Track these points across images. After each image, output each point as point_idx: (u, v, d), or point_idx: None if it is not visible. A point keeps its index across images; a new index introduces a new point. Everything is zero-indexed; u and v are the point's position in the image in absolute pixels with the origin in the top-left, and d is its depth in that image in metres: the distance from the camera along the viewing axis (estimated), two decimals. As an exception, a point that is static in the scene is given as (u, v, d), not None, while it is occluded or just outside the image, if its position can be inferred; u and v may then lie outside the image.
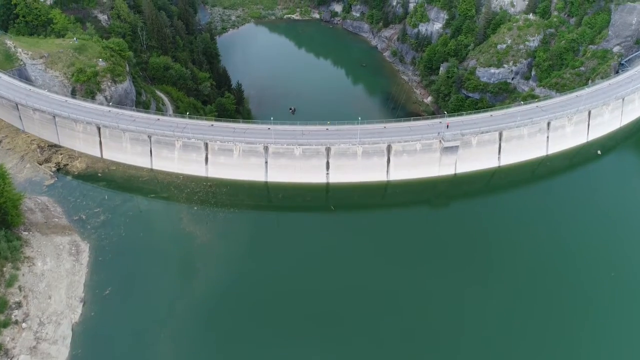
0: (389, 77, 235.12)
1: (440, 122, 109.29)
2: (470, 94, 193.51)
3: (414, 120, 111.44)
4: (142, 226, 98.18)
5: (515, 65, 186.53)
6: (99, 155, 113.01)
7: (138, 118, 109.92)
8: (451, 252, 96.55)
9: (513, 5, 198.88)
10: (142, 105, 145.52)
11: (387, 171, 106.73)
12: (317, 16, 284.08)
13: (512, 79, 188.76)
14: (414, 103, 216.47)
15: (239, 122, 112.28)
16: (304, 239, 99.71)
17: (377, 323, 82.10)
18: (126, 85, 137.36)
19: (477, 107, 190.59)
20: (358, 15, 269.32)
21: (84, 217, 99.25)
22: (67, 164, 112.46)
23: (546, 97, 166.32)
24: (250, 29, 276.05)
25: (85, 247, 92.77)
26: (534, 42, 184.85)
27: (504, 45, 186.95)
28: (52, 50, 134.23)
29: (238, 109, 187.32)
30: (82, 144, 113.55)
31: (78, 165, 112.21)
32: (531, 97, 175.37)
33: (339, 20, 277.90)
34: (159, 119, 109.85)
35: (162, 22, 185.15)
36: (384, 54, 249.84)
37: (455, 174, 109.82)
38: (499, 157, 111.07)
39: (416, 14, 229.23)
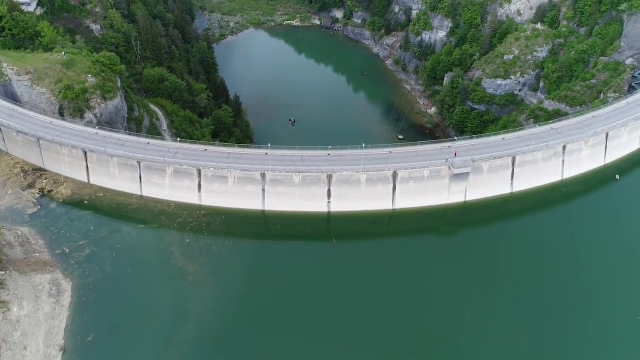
0: (392, 86, 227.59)
1: (450, 147, 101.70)
2: (476, 106, 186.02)
3: (421, 144, 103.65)
4: (130, 261, 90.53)
5: (523, 77, 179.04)
6: (86, 181, 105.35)
7: (127, 142, 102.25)
8: (460, 283, 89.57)
9: (520, 14, 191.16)
10: (134, 121, 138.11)
11: (393, 199, 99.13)
12: (318, 22, 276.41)
13: (520, 90, 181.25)
14: (418, 114, 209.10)
15: (234, 146, 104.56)
16: (304, 273, 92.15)
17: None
18: (117, 102, 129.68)
19: (483, 119, 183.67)
20: (359, 22, 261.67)
21: (67, 250, 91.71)
22: (52, 190, 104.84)
23: (557, 112, 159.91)
24: (250, 35, 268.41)
25: (67, 286, 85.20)
26: (542, 52, 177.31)
27: (511, 56, 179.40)
28: (39, 66, 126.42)
29: (236, 122, 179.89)
30: (68, 168, 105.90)
31: (63, 192, 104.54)
32: (540, 110, 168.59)
33: (340, 27, 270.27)
34: (149, 143, 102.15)
35: (157, 32, 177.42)
36: (386, 62, 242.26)
37: (465, 202, 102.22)
38: (511, 183, 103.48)
39: (419, 21, 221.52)
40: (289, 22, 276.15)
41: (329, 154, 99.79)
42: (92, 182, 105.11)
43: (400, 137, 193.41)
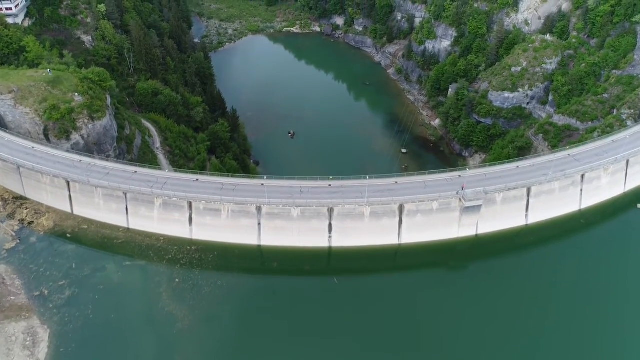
0: (394, 96, 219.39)
1: (460, 176, 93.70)
2: (482, 119, 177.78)
3: (429, 174, 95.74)
4: (113, 304, 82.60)
5: (531, 90, 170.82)
6: (69, 211, 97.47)
7: (112, 170, 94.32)
8: (471, 321, 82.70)
9: (528, 24, 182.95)
10: (125, 140, 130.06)
11: (399, 234, 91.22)
12: (318, 29, 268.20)
13: (528, 103, 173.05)
14: (421, 126, 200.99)
15: (227, 176, 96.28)
16: (304, 316, 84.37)
17: None
18: (106, 121, 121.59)
19: (489, 133, 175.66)
20: (361, 29, 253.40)
21: (46, 292, 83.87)
22: (33, 222, 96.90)
23: (567, 127, 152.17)
24: (248, 43, 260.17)
25: (44, 334, 77.32)
26: (551, 64, 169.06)
27: (519, 68, 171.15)
28: (22, 84, 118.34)
29: (233, 137, 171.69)
30: (50, 197, 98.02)
31: (45, 223, 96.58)
32: (549, 125, 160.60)
33: (340, 34, 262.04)
34: (136, 172, 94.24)
35: (151, 43, 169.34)
36: (388, 71, 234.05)
37: (476, 235, 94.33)
38: (526, 215, 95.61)
39: (423, 30, 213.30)
40: (289, 29, 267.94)
41: (329, 185, 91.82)
42: (76, 212, 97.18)
43: (404, 151, 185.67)
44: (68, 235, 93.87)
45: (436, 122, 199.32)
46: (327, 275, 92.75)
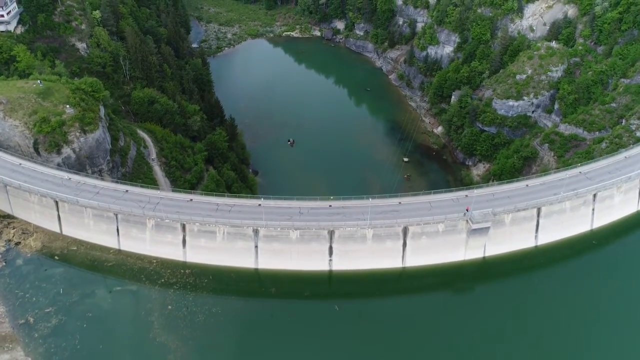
0: (396, 103, 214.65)
1: (467, 196, 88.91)
2: (486, 128, 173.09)
3: (434, 193, 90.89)
4: (102, 334, 78.05)
5: (537, 98, 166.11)
6: (58, 231, 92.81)
7: (103, 189, 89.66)
8: (478, 345, 78.66)
9: (532, 30, 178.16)
10: (118, 153, 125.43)
11: (403, 257, 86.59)
12: (318, 34, 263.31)
13: (533, 112, 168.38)
14: (423, 133, 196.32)
15: (223, 196, 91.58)
16: (304, 343, 79.75)
17: None
18: (98, 134, 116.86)
19: (493, 142, 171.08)
20: (362, 34, 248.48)
21: (31, 320, 79.22)
22: (20, 242, 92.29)
23: (574, 137, 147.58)
24: (247, 47, 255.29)
25: (28, 367, 72.50)
26: (557, 72, 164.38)
27: (524, 76, 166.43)
28: (12, 95, 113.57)
29: (231, 146, 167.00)
30: (39, 216, 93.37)
31: (32, 244, 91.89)
32: (555, 134, 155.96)
33: (341, 39, 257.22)
34: (127, 191, 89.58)
35: (147, 50, 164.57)
36: (389, 77, 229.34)
37: (484, 258, 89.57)
38: (536, 236, 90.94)
39: (425, 35, 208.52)
40: (289, 33, 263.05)
41: (330, 205, 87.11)
42: (65, 232, 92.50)
43: (406, 159, 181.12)
44: (56, 258, 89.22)
45: (439, 130, 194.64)
46: (328, 299, 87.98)
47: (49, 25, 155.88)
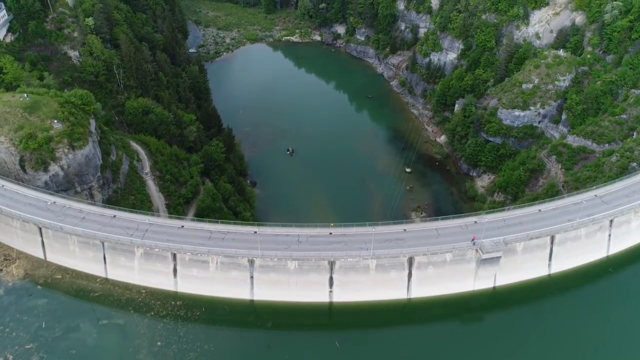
0: (398, 110, 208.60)
1: (476, 222, 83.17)
2: (491, 138, 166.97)
3: (442, 220, 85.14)
4: (85, 374, 72.12)
5: (543, 108, 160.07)
6: (42, 257, 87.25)
7: (89, 214, 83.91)
8: None
9: (539, 38, 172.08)
10: (110, 168, 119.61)
11: (408, 287, 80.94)
12: (318, 38, 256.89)
13: (539, 122, 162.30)
14: (426, 142, 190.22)
15: (216, 223, 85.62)
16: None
17: None
18: (88, 150, 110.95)
19: (498, 153, 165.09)
20: (362, 39, 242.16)
21: (10, 357, 73.82)
22: (2, 270, 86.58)
23: (583, 149, 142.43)
24: (246, 52, 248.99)
25: (4, 413, 66.74)
26: (564, 81, 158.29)
27: (531, 85, 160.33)
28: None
29: (228, 157, 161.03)
30: (22, 241, 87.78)
31: (14, 272, 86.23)
32: (562, 146, 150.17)
33: (341, 44, 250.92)
34: (115, 216, 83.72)
35: (141, 58, 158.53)
36: (391, 83, 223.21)
37: (494, 287, 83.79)
38: (549, 264, 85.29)
39: (427, 41, 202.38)
40: (288, 37, 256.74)
41: (330, 233, 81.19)
42: (49, 259, 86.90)
43: (408, 170, 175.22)
44: (39, 287, 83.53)
45: (442, 139, 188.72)
46: (328, 332, 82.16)
47: (40, 33, 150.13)
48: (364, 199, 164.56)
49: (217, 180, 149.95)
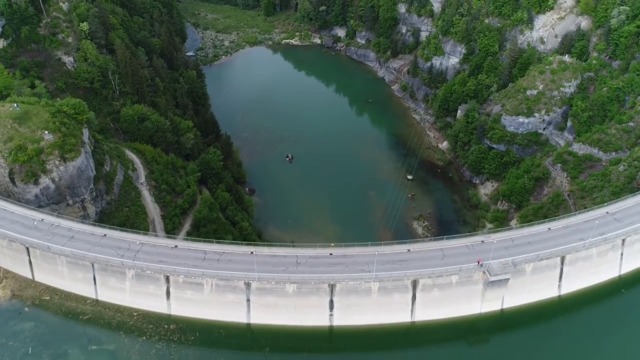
0: (399, 116, 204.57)
1: (483, 241, 79.17)
2: (495, 145, 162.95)
3: (447, 239, 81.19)
4: (73, 405, 68.12)
5: (548, 115, 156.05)
6: (30, 277, 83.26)
7: (78, 233, 80.00)
8: None
9: (543, 42, 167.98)
10: (103, 179, 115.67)
11: (412, 310, 77.11)
12: (318, 41, 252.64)
13: (544, 129, 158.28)
14: (428, 149, 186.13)
15: (211, 242, 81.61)
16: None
17: None
18: (80, 161, 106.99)
19: (502, 160, 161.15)
20: (363, 42, 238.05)
21: (-6, 387, 69.34)
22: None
23: (589, 157, 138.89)
24: (245, 56, 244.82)
25: None
26: (569, 87, 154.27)
27: (535, 91, 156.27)
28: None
29: (226, 165, 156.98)
30: (9, 260, 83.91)
31: (1, 293, 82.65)
32: (568, 154, 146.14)
33: (342, 47, 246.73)
34: (105, 235, 79.63)
35: (137, 64, 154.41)
36: (392, 87, 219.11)
37: (502, 310, 79.74)
38: (559, 285, 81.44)
39: (429, 45, 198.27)
40: (288, 40, 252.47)
41: (330, 254, 77.17)
42: (37, 279, 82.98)
43: (409, 177, 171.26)
44: (26, 309, 79.62)
45: (444, 145, 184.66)
46: (329, 357, 78.23)
47: (34, 38, 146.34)
48: (365, 207, 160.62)
49: (215, 189, 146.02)
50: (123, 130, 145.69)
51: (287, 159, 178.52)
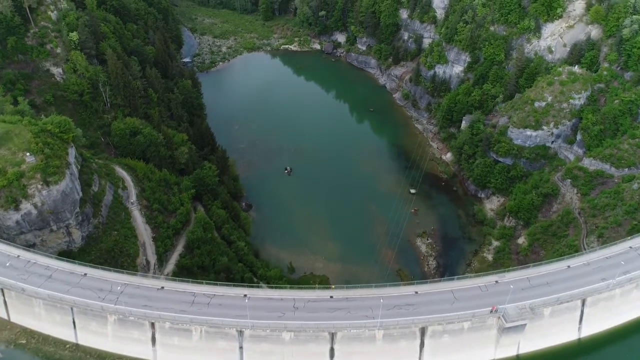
0: (401, 125, 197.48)
1: (497, 282, 72.04)
2: (501, 159, 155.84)
3: (458, 279, 73.90)
4: None
5: (557, 128, 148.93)
6: (6, 318, 76.11)
7: (56, 272, 73.09)
8: None
9: (551, 52, 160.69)
10: (90, 202, 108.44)
11: (420, 358, 69.64)
12: (318, 47, 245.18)
13: (552, 142, 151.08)
14: (431, 160, 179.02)
15: (201, 284, 74.46)
16: None
17: None
18: (64, 185, 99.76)
19: (509, 175, 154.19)
20: (364, 48, 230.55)
21: None
22: (-41, 332, 75.19)
23: (600, 173, 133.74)
24: (243, 62, 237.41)
25: None
26: (579, 99, 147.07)
27: (543, 103, 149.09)
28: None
29: (222, 180, 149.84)
30: (-18, 299, 76.31)
31: (-27, 335, 74.96)
32: (578, 170, 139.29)
33: (342, 53, 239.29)
34: (86, 274, 72.40)
35: (130, 75, 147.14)
36: (393, 96, 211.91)
37: (517, 356, 72.66)
38: (579, 327, 74.51)
39: (432, 53, 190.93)
40: (287, 46, 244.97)
41: (331, 297, 70.06)
42: (13, 320, 75.98)
43: (412, 191, 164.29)
44: (0, 355, 72.20)
45: (448, 156, 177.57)
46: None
47: (21, 49, 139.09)
48: (366, 222, 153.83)
49: (210, 206, 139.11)
50: (114, 145, 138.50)
51: (286, 171, 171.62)
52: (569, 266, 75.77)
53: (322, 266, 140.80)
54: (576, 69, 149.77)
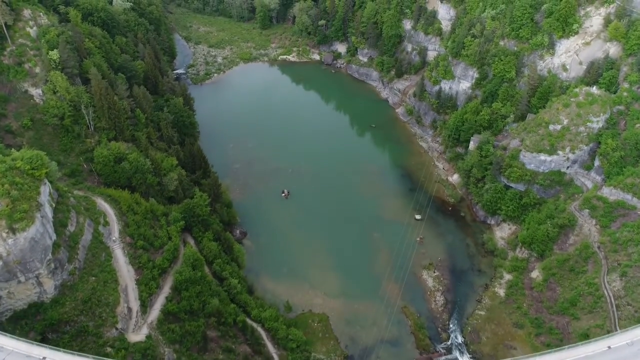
0: (404, 142, 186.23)
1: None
2: (513, 184, 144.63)
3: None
4: None
5: (573, 152, 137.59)
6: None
7: (10, 355, 61.04)
8: None
9: (566, 70, 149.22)
10: (65, 245, 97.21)
11: None
12: (317, 57, 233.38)
13: (568, 168, 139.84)
14: (437, 182, 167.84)
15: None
16: None
17: None
18: (34, 230, 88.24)
19: (521, 202, 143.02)
20: (365, 60, 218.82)
21: None
22: None
23: (621, 204, 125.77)
24: (239, 73, 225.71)
25: None
26: (597, 123, 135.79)
27: (559, 126, 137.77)
28: None
29: (214, 208, 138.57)
30: None
31: None
32: (597, 199, 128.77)
33: (342, 64, 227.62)
34: (44, 359, 60.68)
35: (115, 95, 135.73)
36: (396, 111, 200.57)
37: None
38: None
39: (438, 67, 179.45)
40: (285, 56, 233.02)
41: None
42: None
43: (418, 217, 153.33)
44: None
45: (454, 178, 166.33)
46: None
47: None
48: (369, 252, 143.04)
49: (201, 238, 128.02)
50: (97, 173, 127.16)
51: (283, 194, 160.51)
52: (609, 347, 64.39)
53: (322, 302, 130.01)
54: (594, 89, 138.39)
